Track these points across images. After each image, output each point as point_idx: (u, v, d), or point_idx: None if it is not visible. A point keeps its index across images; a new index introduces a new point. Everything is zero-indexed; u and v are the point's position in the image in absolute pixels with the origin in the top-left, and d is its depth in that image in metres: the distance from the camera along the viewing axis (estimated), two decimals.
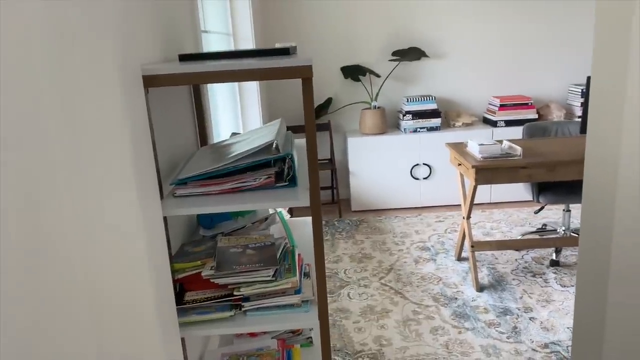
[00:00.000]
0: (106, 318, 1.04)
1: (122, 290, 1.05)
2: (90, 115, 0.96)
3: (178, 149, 1.53)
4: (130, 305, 1.06)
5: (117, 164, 0.99)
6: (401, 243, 3.70)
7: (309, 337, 1.73)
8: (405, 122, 4.26)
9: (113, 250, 1.03)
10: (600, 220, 1.38)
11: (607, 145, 1.34)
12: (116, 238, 1.02)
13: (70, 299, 0.91)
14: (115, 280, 1.04)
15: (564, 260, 3.26)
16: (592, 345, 1.42)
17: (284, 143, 1.40)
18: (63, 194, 0.91)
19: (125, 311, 1.06)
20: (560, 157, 2.80)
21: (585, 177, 1.46)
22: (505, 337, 2.50)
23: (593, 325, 1.42)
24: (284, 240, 1.47)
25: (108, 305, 1.04)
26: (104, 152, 0.98)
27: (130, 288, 1.05)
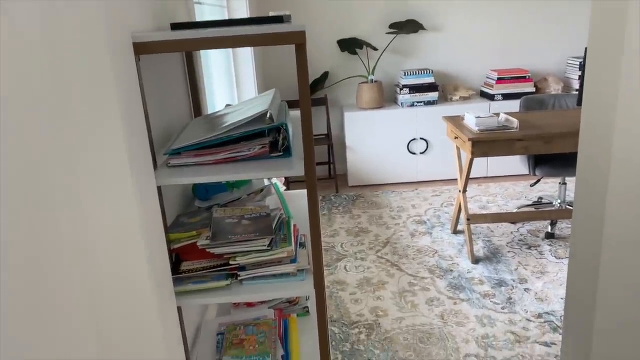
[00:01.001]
0: (102, 288, 1.05)
1: (118, 259, 1.05)
2: (80, 82, 0.94)
3: (171, 119, 1.51)
4: (126, 274, 1.06)
5: (108, 132, 0.98)
6: (397, 217, 3.72)
7: (306, 306, 1.75)
8: (402, 96, 4.23)
9: (107, 220, 1.03)
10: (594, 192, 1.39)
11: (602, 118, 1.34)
12: (110, 208, 1.02)
13: (65, 269, 0.91)
14: (109, 250, 1.04)
15: (559, 233, 3.29)
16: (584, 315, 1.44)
17: (278, 113, 1.39)
18: (54, 166, 0.91)
19: (121, 280, 1.06)
20: (557, 130, 2.80)
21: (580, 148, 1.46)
22: (499, 307, 2.53)
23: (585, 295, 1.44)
24: (280, 212, 1.47)
25: (103, 274, 1.05)
26: (94, 119, 0.97)
27: (125, 257, 1.05)
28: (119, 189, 1.01)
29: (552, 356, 2.17)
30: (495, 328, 2.37)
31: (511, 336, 2.30)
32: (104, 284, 1.05)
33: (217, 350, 1.48)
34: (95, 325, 1.02)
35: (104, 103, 0.96)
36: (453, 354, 2.21)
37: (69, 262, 0.93)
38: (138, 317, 1.09)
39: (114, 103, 0.97)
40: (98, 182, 1.00)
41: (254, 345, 1.46)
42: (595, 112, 1.37)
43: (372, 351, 2.25)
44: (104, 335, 1.06)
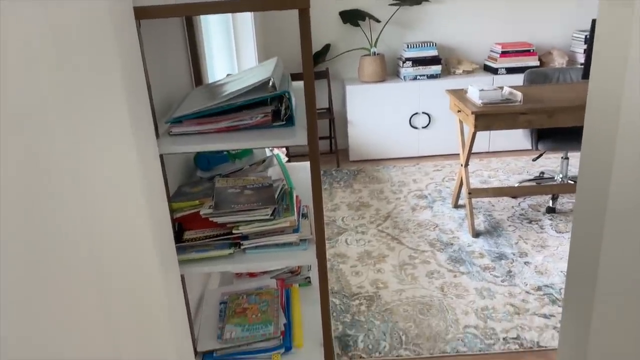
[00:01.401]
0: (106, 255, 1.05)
1: (121, 227, 1.05)
2: (81, 45, 0.93)
3: (172, 89, 1.50)
4: (130, 241, 1.06)
5: (111, 98, 0.97)
6: (399, 192, 3.72)
7: (307, 277, 1.76)
8: (405, 70, 4.19)
9: (110, 188, 1.02)
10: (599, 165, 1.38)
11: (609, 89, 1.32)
12: (113, 175, 1.02)
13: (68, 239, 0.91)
14: (113, 217, 1.04)
15: (560, 208, 3.29)
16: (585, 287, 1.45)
17: (281, 82, 1.38)
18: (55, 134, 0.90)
19: (126, 247, 1.07)
20: (561, 103, 2.77)
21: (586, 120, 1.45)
22: (499, 280, 2.55)
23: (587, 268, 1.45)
24: (282, 182, 1.46)
25: (107, 241, 1.05)
26: (96, 84, 0.95)
27: (128, 225, 1.05)
28: (122, 157, 1.01)
29: (550, 328, 2.19)
30: (495, 300, 2.39)
31: (510, 308, 2.33)
32: (108, 251, 1.05)
33: (220, 318, 1.49)
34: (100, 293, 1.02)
35: (105, 67, 0.95)
36: (452, 325, 2.23)
37: (73, 231, 0.93)
38: (142, 284, 1.09)
39: (116, 69, 0.95)
40: (101, 149, 0.99)
41: (257, 313, 1.47)
42: (602, 83, 1.35)
43: (372, 322, 2.28)
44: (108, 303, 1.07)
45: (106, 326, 1.02)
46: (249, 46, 3.47)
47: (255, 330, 1.41)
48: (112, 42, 0.94)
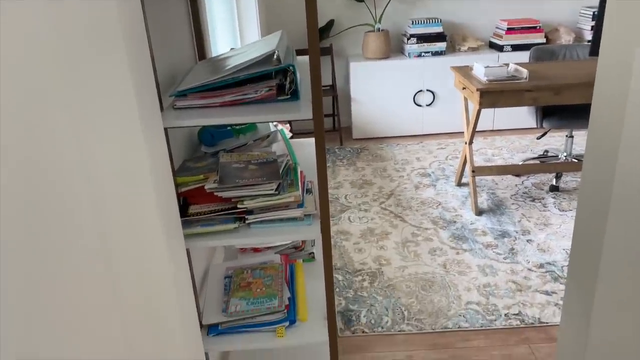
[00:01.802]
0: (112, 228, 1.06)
1: (127, 200, 1.05)
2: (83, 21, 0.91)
3: (176, 62, 1.48)
4: (136, 214, 1.06)
5: (115, 72, 0.96)
6: (402, 170, 3.71)
7: (311, 252, 1.77)
8: (409, 46, 4.14)
9: (115, 161, 1.02)
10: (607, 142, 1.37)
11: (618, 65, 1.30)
12: (118, 148, 1.01)
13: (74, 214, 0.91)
14: (119, 190, 1.04)
15: (563, 186, 3.28)
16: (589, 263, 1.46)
17: (285, 55, 1.36)
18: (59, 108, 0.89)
19: (131, 221, 1.07)
20: (567, 80, 2.74)
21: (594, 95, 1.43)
22: (502, 257, 2.56)
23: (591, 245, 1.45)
24: (286, 157, 1.46)
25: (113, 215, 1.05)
26: (100, 58, 0.94)
27: (134, 198, 1.05)
28: (127, 130, 1.00)
29: (552, 304, 2.21)
30: (497, 277, 2.41)
31: (512, 285, 2.34)
32: (114, 224, 1.06)
33: (225, 292, 1.51)
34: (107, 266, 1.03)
35: (109, 41, 0.94)
36: (455, 301, 2.25)
37: (79, 205, 0.93)
38: (149, 257, 1.10)
39: (120, 41, 0.94)
40: (106, 122, 0.99)
41: (261, 287, 1.49)
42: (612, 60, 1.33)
43: (375, 297, 2.30)
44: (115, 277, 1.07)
45: (113, 299, 1.03)
46: (251, 21, 3.42)
47: (260, 304, 1.42)
48: (116, 17, 0.92)
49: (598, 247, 1.41)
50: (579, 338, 1.45)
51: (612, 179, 1.36)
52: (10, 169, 0.72)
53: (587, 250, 1.47)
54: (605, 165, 1.38)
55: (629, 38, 1.26)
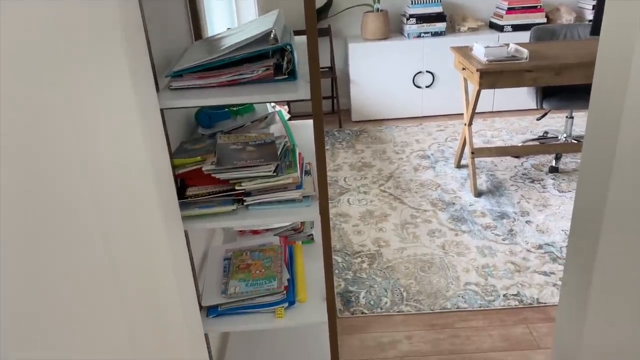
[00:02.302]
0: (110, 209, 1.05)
1: (124, 182, 1.04)
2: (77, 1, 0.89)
3: (172, 43, 1.46)
4: (133, 196, 1.06)
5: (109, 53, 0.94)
6: (401, 152, 3.70)
7: (310, 234, 1.77)
8: (409, 27, 4.09)
9: (111, 142, 1.01)
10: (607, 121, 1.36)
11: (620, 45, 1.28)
12: (114, 130, 1.00)
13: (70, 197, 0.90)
14: (115, 171, 1.03)
15: (563, 167, 3.28)
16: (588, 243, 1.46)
17: (283, 34, 1.34)
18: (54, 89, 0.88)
19: (129, 203, 1.06)
20: (567, 61, 2.71)
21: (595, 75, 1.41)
22: (500, 239, 2.57)
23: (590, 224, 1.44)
24: (284, 139, 1.45)
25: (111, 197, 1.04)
26: (95, 39, 0.93)
27: (131, 180, 1.04)
28: (123, 111, 0.99)
29: (550, 285, 2.22)
30: (496, 258, 2.41)
31: (511, 266, 2.35)
32: (112, 206, 1.05)
33: (224, 274, 1.51)
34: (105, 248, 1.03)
35: (104, 22, 0.92)
36: (453, 282, 2.26)
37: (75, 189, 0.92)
38: (147, 239, 1.10)
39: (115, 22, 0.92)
40: (100, 104, 0.97)
41: (260, 269, 1.49)
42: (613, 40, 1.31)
43: (373, 279, 2.31)
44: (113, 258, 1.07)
45: (112, 281, 1.03)
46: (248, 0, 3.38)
47: (259, 285, 1.42)
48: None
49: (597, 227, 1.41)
50: (577, 318, 1.46)
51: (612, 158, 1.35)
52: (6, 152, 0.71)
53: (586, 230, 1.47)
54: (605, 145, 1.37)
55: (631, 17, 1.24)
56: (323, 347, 1.75)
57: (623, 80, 1.27)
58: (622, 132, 1.30)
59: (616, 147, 1.32)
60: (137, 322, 1.11)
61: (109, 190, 1.03)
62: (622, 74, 1.28)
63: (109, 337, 0.96)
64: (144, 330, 1.13)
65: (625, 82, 1.27)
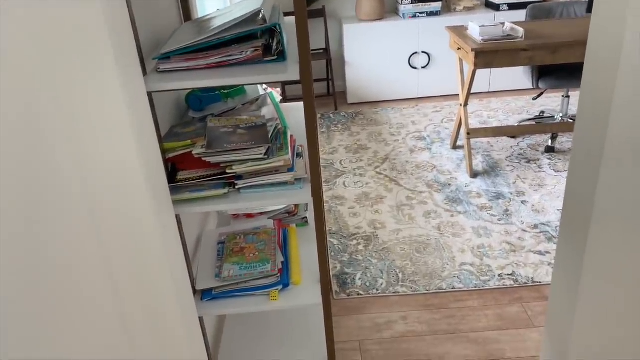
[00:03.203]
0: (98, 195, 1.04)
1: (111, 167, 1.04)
2: None
3: (160, 24, 1.44)
4: (121, 181, 1.05)
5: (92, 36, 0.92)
6: (397, 134, 3.69)
7: (304, 217, 1.76)
8: (404, 7, 4.04)
9: (97, 127, 1.00)
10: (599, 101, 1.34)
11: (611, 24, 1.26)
12: (99, 114, 0.99)
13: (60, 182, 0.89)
14: (102, 157, 1.02)
15: (559, 147, 3.27)
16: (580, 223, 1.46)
17: (271, 15, 1.32)
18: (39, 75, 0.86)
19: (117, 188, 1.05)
20: (563, 39, 2.69)
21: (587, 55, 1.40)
22: (496, 219, 2.57)
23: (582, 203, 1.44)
24: (276, 121, 1.44)
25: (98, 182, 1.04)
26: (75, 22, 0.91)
27: (119, 164, 1.03)
28: (108, 95, 0.97)
29: (545, 264, 2.23)
30: (491, 239, 2.42)
31: (506, 246, 2.36)
32: (100, 191, 1.04)
33: (218, 257, 1.51)
34: (95, 234, 1.02)
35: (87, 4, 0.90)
36: (449, 262, 2.27)
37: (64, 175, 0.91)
38: (137, 223, 1.09)
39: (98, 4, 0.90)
40: (85, 89, 0.96)
41: (254, 252, 1.49)
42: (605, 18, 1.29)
43: (369, 260, 2.32)
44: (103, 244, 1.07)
45: (103, 268, 1.02)
46: None
47: (253, 268, 1.43)
48: None
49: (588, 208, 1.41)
50: (570, 295, 1.47)
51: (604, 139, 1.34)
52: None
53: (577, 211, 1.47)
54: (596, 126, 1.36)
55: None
56: (318, 328, 1.76)
57: (615, 57, 1.26)
58: (613, 113, 1.29)
59: (607, 128, 1.31)
60: (130, 308, 1.11)
61: (96, 177, 1.02)
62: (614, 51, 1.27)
63: (103, 324, 0.97)
64: (137, 315, 1.13)
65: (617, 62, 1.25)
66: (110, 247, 1.08)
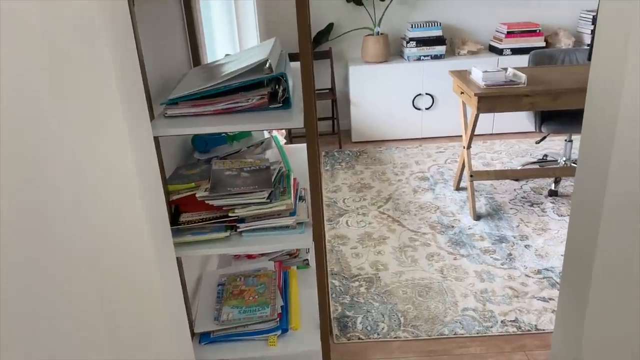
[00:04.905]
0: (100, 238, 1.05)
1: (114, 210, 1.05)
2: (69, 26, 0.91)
3: (169, 69, 1.48)
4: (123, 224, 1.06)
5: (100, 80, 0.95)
6: (401, 173, 3.71)
7: (306, 259, 1.76)
8: (408, 50, 4.13)
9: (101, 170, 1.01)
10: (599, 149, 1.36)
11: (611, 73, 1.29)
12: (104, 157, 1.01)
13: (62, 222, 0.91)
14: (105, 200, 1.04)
15: (562, 191, 3.27)
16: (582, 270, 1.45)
17: (278, 63, 1.35)
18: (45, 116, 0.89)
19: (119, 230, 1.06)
20: (565, 85, 2.73)
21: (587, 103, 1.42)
22: (499, 263, 2.55)
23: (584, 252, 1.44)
24: (280, 165, 1.46)
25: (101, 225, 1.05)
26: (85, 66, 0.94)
27: (122, 207, 1.05)
28: (113, 139, 1.00)
29: (549, 311, 2.20)
30: (494, 283, 2.39)
31: (509, 291, 2.33)
32: (102, 233, 1.05)
33: (218, 300, 1.50)
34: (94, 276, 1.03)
35: (95, 50, 0.93)
36: (451, 307, 2.24)
37: (66, 215, 0.93)
38: (137, 267, 1.09)
39: (106, 50, 0.93)
40: (91, 132, 0.98)
41: (254, 295, 1.48)
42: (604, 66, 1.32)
43: (371, 303, 2.29)
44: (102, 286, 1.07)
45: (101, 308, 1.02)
46: (250, 25, 3.42)
47: (252, 312, 1.42)
48: (103, 23, 0.92)
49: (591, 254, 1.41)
50: (573, 345, 1.44)
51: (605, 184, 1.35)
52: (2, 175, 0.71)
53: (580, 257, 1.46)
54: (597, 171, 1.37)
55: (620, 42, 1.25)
56: None
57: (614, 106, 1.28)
58: (613, 160, 1.30)
59: (608, 176, 1.32)
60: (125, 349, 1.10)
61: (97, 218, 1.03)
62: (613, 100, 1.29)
63: None
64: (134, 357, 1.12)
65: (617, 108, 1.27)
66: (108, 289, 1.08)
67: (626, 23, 1.22)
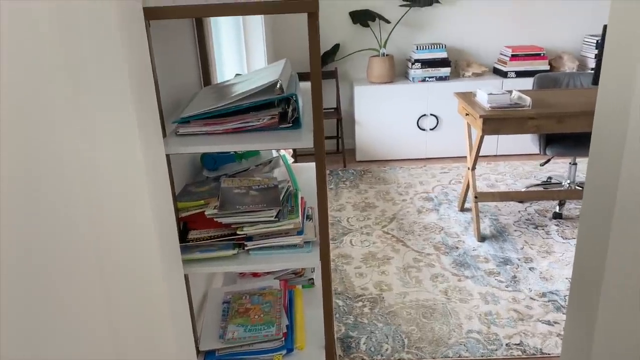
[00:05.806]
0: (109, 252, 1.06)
1: (125, 226, 1.06)
2: (88, 47, 0.93)
3: (181, 88, 1.50)
4: (134, 240, 1.07)
5: (117, 98, 0.97)
6: (405, 193, 3.71)
7: (311, 278, 1.76)
8: (413, 71, 4.17)
9: (114, 186, 1.03)
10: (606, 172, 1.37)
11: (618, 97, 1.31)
12: (117, 174, 1.02)
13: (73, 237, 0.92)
14: (117, 216, 1.05)
15: (567, 213, 3.27)
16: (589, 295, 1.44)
17: (289, 84, 1.38)
18: (59, 132, 0.91)
19: (129, 246, 1.07)
20: (570, 109, 2.75)
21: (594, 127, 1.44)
22: (504, 285, 2.54)
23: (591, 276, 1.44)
24: (287, 183, 1.47)
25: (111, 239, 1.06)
26: (103, 84, 0.96)
27: (132, 224, 1.06)
28: (127, 156, 1.01)
29: (554, 335, 2.18)
30: (499, 306, 2.38)
31: (514, 314, 2.32)
32: (112, 249, 1.06)
33: (223, 318, 1.50)
34: (103, 291, 1.03)
35: (112, 68, 0.95)
36: (455, 329, 2.23)
37: (77, 229, 0.94)
38: (145, 283, 1.10)
39: (123, 68, 0.95)
40: (106, 148, 1.00)
41: (259, 314, 1.48)
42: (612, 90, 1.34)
43: (375, 324, 2.28)
44: (110, 301, 1.07)
45: (108, 323, 1.03)
46: (258, 46, 3.47)
47: (257, 331, 1.41)
48: (120, 42, 0.94)
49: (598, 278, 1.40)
50: None
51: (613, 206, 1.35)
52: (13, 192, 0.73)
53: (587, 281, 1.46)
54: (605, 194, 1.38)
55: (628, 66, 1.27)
56: None
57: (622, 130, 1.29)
58: (621, 184, 1.31)
59: (616, 197, 1.32)
60: None
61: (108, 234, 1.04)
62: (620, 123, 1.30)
63: None
64: None
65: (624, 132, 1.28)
66: (116, 304, 1.09)
67: (634, 47, 1.24)
